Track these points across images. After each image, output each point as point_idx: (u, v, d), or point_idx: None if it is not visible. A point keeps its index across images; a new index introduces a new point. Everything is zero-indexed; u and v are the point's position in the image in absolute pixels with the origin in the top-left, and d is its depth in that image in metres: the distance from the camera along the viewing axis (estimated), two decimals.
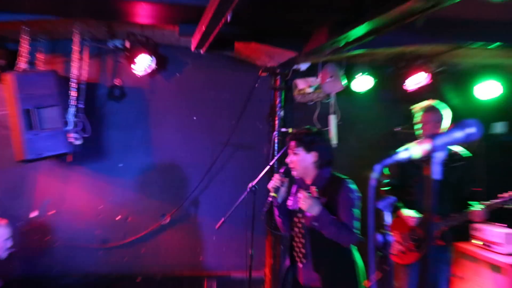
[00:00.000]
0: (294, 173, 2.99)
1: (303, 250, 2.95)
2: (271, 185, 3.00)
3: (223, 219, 3.57)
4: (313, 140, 2.93)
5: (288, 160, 2.98)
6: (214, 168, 4.89)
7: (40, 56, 4.44)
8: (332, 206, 2.85)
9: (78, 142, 4.35)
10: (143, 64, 4.50)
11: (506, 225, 4.40)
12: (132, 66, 4.51)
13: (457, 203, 3.61)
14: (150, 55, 4.46)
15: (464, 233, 4.55)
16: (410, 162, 4.03)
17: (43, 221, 4.67)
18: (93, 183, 4.76)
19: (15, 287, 4.50)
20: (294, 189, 3.11)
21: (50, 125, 4.16)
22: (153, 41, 4.54)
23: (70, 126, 4.28)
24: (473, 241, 4.62)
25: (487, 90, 4.91)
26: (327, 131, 3.11)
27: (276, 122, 4.79)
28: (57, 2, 3.50)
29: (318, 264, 2.91)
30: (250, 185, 3.51)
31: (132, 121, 4.83)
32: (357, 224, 2.83)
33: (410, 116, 4.20)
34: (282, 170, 3.02)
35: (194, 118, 4.95)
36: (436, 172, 1.41)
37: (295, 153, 2.95)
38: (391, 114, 4.81)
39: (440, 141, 1.42)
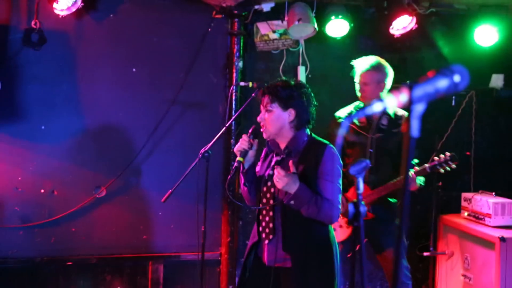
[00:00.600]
0: (265, 134, 2.94)
1: (270, 225, 2.92)
2: (238, 148, 2.94)
3: (170, 191, 3.53)
4: (291, 95, 2.86)
5: (259, 118, 2.91)
6: (159, 131, 4.72)
7: None
8: (310, 176, 2.82)
9: None
10: (66, 1, 4.16)
11: (493, 193, 4.56)
12: (54, 5, 4.17)
13: (397, 173, 3.77)
14: None
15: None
16: (352, 121, 4.02)
17: None
18: (9, 150, 4.45)
19: None
20: (263, 153, 3.11)
21: None
22: None
23: None
24: (463, 213, 4.67)
25: (485, 35, 4.87)
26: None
27: (234, 74, 4.72)
28: None
29: (289, 241, 2.88)
30: (202, 150, 3.45)
31: (55, 73, 4.53)
32: (340, 198, 2.85)
33: (392, 67, 4.14)
34: (251, 130, 2.96)
35: (134, 70, 4.69)
36: (415, 128, 1.42)
37: (268, 110, 2.87)
38: None
39: (421, 90, 1.40)
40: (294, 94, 2.87)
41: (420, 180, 3.72)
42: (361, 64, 3.88)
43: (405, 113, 3.80)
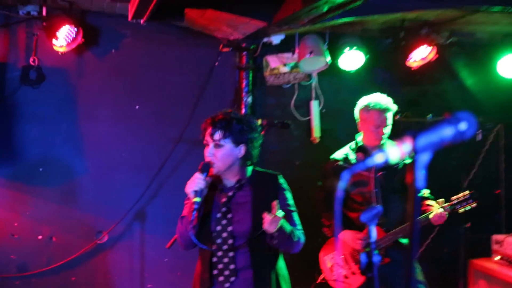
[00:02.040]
0: (215, 170, 2.88)
1: (231, 266, 2.88)
2: (194, 187, 2.83)
3: (175, 237, 3.40)
4: (243, 129, 2.86)
5: (208, 153, 2.87)
6: (164, 171, 4.75)
7: None
8: (270, 208, 2.84)
9: None
10: (65, 37, 4.32)
11: None
12: (53, 42, 4.30)
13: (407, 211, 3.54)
14: (75, 26, 4.29)
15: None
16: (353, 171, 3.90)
17: None
18: (4, 194, 4.50)
19: None
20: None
21: None
22: (79, 6, 4.41)
23: None
24: (494, 257, 4.55)
25: (510, 66, 4.93)
26: (253, 119, 3.03)
27: (243, 110, 4.77)
28: None
29: (259, 278, 2.90)
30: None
31: (54, 112, 4.62)
32: (299, 220, 2.95)
33: (412, 100, 4.02)
34: (201, 167, 2.88)
35: (137, 107, 4.79)
36: (420, 179, 1.44)
37: (218, 145, 2.84)
38: None
39: (424, 140, 1.42)
40: (246, 128, 2.87)
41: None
42: (376, 104, 3.85)
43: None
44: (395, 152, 1.44)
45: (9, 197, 4.47)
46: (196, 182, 2.82)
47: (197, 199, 2.80)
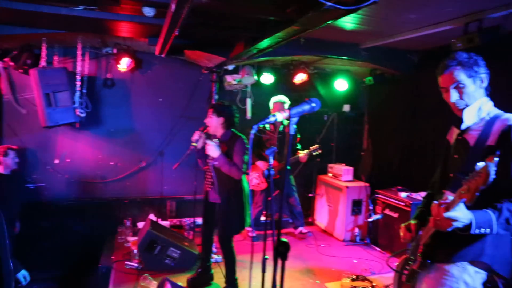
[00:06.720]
0: (209, 130, 3.10)
1: (211, 180, 3.06)
2: (193, 138, 3.12)
3: (178, 162, 3.46)
4: (222, 109, 3.06)
5: (206, 121, 3.11)
6: (173, 131, 5.04)
7: (55, 58, 4.49)
8: (231, 153, 3.01)
9: (83, 115, 4.43)
10: (125, 64, 4.62)
11: (344, 163, 5.08)
12: (118, 65, 4.63)
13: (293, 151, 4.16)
14: (130, 58, 4.59)
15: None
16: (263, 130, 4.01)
17: (64, 166, 4.75)
18: (94, 142, 4.89)
19: (43, 207, 4.59)
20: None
21: (63, 103, 4.17)
22: (132, 48, 4.62)
23: (77, 104, 4.33)
24: (329, 174, 5.24)
25: (340, 84, 5.46)
26: (235, 106, 3.20)
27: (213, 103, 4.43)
28: (66, 21, 3.45)
29: (220, 188, 3.02)
30: (193, 141, 3.39)
31: (119, 101, 4.93)
32: (245, 166, 2.96)
33: (296, 100, 4.28)
34: (201, 128, 3.13)
35: (160, 99, 5.04)
36: (292, 129, 1.56)
37: (210, 117, 3.06)
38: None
39: (295, 110, 1.56)
40: (225, 108, 3.01)
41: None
42: (278, 99, 4.15)
43: (285, 121, 3.92)
44: (280, 115, 1.39)
45: (96, 144, 4.82)
46: (195, 135, 3.10)
47: (194, 144, 3.10)
